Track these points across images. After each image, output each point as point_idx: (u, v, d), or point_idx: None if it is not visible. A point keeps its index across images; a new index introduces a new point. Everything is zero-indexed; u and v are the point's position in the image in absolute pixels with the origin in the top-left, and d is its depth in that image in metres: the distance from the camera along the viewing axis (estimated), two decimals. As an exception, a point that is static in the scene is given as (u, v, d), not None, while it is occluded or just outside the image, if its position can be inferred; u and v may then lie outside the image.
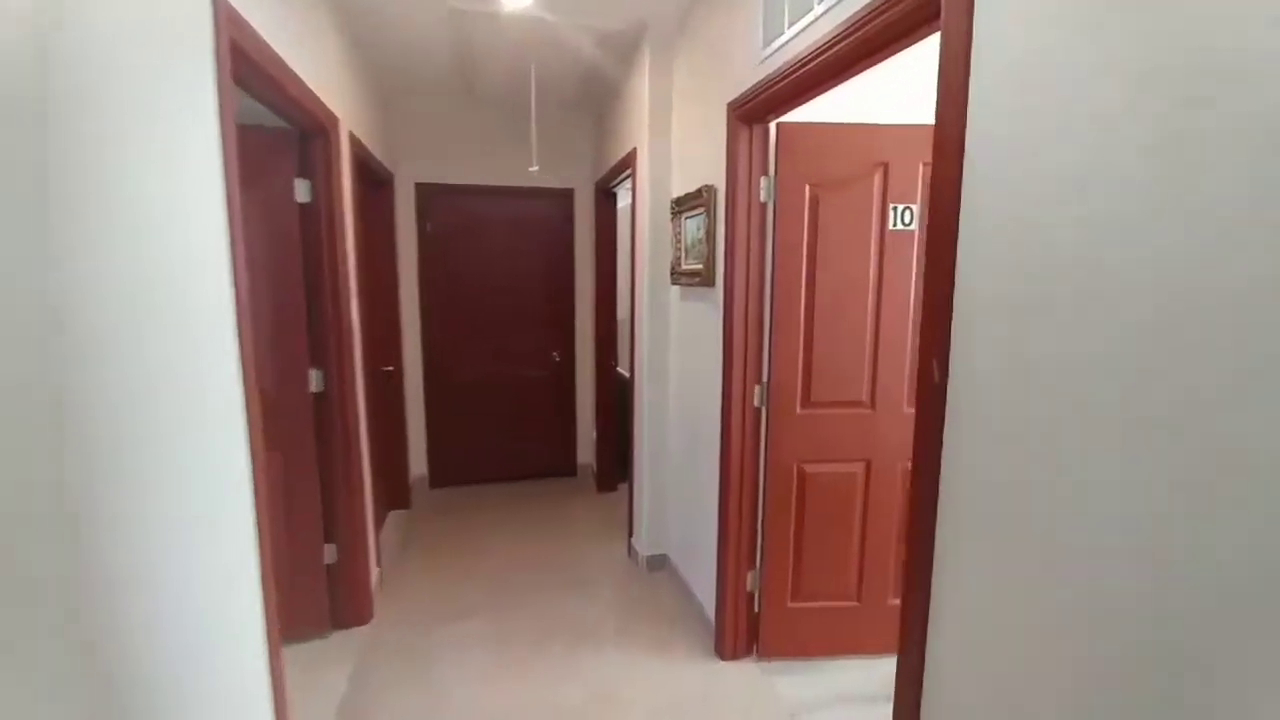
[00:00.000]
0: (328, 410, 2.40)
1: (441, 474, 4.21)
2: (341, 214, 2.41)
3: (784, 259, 2.11)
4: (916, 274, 2.13)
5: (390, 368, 3.56)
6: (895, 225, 2.10)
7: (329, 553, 2.47)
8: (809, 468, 2.23)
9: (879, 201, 2.09)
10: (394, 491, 3.77)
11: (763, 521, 2.28)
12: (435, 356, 4.09)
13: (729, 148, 2.14)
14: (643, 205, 2.91)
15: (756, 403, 2.22)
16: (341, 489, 2.47)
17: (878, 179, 2.09)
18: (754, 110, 2.00)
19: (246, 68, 1.56)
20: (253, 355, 1.47)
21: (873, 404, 2.20)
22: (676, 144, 2.73)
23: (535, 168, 3.03)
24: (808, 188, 2.08)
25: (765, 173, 2.11)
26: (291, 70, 1.85)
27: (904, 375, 2.18)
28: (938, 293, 1.18)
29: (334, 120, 2.36)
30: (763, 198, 2.11)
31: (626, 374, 3.95)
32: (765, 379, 2.19)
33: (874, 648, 2.32)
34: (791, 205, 2.08)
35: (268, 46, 1.66)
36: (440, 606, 2.74)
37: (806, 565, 2.28)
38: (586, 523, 3.68)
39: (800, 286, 2.12)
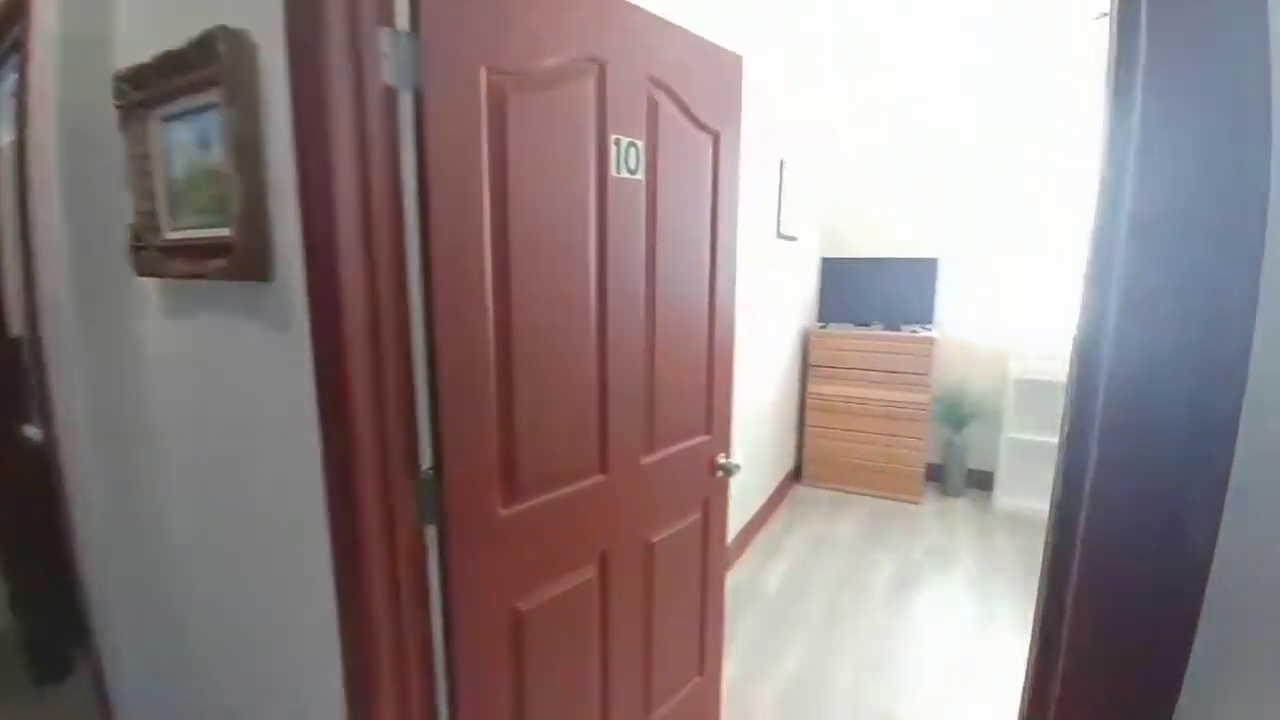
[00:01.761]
0: None
1: None
2: None
3: (449, 215, 1.00)
4: (648, 247, 1.36)
5: None
6: (618, 170, 1.27)
7: None
8: (527, 603, 1.23)
9: (595, 124, 1.21)
10: None
11: (452, 731, 1.17)
12: None
13: (287, -66, 0.87)
14: (43, 93, 1.21)
15: (417, 519, 1.07)
16: None
17: (592, 86, 1.19)
18: None
19: None
20: None
21: (605, 466, 1.35)
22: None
23: None
24: (485, 73, 1.02)
25: (391, 22, 0.94)
26: None
27: (640, 412, 1.41)
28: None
29: None
30: (389, 76, 0.93)
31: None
32: (431, 465, 1.07)
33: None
34: (457, 103, 0.99)
35: None
36: None
37: (535, 763, 1.31)
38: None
39: (484, 271, 1.07)
